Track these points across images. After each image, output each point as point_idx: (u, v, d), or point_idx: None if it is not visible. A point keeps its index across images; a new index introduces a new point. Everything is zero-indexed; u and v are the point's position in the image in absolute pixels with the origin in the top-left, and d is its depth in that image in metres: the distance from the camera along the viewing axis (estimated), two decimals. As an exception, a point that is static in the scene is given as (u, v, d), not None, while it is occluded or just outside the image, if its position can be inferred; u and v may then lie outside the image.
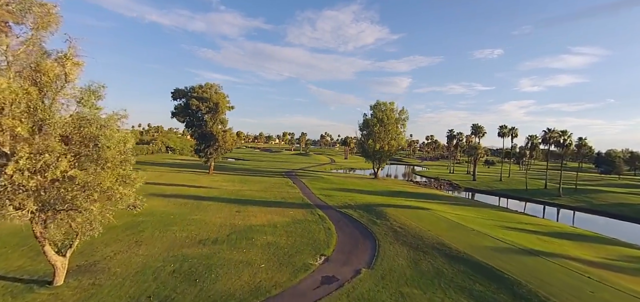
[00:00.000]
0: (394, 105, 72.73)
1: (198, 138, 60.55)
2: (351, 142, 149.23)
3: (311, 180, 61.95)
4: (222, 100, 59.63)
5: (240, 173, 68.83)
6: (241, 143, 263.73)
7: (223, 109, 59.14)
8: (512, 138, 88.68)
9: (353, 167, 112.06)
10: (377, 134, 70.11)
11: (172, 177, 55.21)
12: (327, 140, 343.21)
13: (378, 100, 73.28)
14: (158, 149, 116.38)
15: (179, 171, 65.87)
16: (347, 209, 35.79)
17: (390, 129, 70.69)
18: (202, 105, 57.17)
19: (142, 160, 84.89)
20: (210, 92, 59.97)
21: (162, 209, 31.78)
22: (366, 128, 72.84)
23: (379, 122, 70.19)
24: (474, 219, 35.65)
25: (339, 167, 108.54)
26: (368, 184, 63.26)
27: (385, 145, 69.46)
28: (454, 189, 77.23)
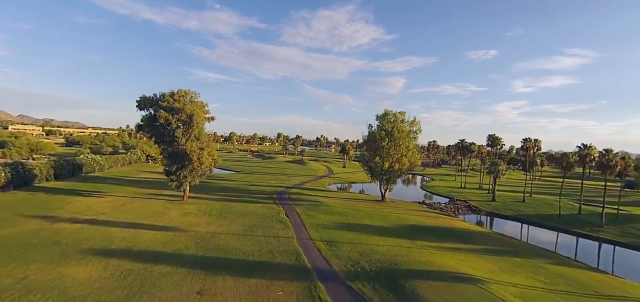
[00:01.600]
0: (405, 115, 62.09)
1: (168, 157, 49.25)
2: (350, 149, 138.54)
3: (308, 209, 50.94)
4: (199, 111, 48.31)
5: (223, 196, 57.57)
6: (233, 147, 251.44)
7: (199, 122, 47.78)
8: (536, 149, 78.62)
9: (353, 180, 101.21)
10: (385, 150, 59.37)
11: (135, 210, 43.89)
12: (323, 142, 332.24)
13: (386, 110, 62.65)
14: (137, 159, 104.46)
15: (148, 196, 54.45)
16: (360, 281, 24.88)
17: (401, 144, 60.02)
18: (172, 118, 45.80)
19: (114, 175, 73.17)
20: (183, 100, 48.62)
21: (88, 290, 20.71)
22: (371, 142, 62.02)
23: (387, 136, 59.42)
24: (544, 298, 24.98)
25: (338, 180, 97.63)
26: (377, 213, 52.48)
27: (395, 164, 58.79)
28: (472, 211, 66.84)
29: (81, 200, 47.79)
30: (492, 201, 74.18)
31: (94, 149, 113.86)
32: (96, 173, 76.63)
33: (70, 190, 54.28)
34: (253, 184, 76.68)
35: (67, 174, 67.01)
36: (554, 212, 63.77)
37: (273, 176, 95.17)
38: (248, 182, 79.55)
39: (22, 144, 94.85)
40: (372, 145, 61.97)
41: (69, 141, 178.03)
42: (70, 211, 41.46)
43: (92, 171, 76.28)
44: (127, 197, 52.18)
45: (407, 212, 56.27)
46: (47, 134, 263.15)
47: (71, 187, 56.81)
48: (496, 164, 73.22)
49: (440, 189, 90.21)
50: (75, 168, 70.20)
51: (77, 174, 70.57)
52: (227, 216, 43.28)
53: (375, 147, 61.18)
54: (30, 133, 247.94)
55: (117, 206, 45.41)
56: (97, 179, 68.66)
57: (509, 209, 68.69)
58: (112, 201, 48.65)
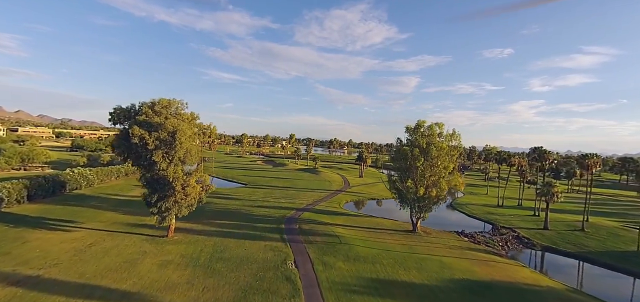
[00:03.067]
0: (443, 128, 50.16)
1: (146, 185, 39.16)
2: (367, 157, 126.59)
3: (324, 251, 39.86)
4: (185, 127, 37.85)
5: (219, 226, 47.24)
6: (244, 151, 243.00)
7: (184, 141, 37.23)
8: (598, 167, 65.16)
9: (372, 194, 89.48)
10: (419, 171, 47.71)
11: (101, 255, 33.96)
12: (336, 145, 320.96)
13: (419, 121, 50.85)
14: (134, 171, 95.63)
15: (127, 228, 44.63)
16: None
17: (438, 164, 48.20)
18: (149, 136, 35.53)
19: (103, 193, 63.92)
20: (165, 113, 38.37)
21: None
22: (401, 161, 50.35)
23: (422, 154, 47.70)
24: None
25: (356, 195, 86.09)
26: (412, 257, 40.98)
27: (432, 190, 46.97)
28: (524, 245, 54.35)
29: (41, 237, 38.26)
30: (545, 230, 61.27)
31: (93, 156, 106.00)
32: (83, 190, 67.82)
33: (37, 219, 45.09)
34: (259, 203, 66.16)
35: (45, 193, 58.24)
36: (628, 248, 50.86)
37: (283, 190, 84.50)
38: (253, 200, 69.11)
39: (13, 154, 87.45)
40: (402, 165, 50.34)
41: (74, 145, 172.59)
42: (16, 258, 31.87)
43: (78, 187, 67.49)
44: (101, 231, 42.43)
45: (448, 251, 44.43)
46: (57, 136, 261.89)
47: (41, 214, 47.70)
48: (551, 186, 60.26)
49: (475, 209, 77.50)
50: (56, 186, 61.42)
51: (59, 192, 61.78)
52: (217, 267, 32.73)
53: (406, 167, 49.57)
54: (39, 135, 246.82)
55: (81, 249, 35.55)
56: (79, 199, 59.62)
57: (568, 241, 55.78)
58: (79, 238, 38.90)
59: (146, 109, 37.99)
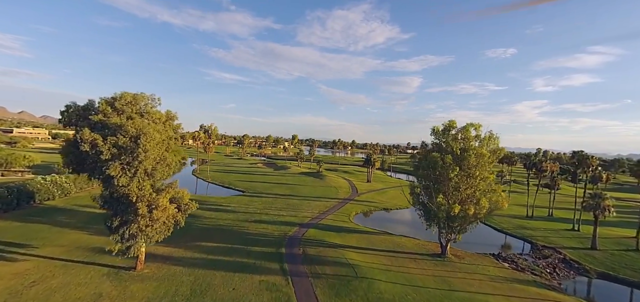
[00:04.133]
0: (481, 129, 40.79)
1: (104, 204, 30.29)
2: (376, 160, 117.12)
3: (335, 293, 30.72)
4: (153, 130, 28.77)
5: (204, 252, 38.32)
6: (244, 152, 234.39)
7: (150, 149, 28.10)
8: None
9: (384, 203, 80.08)
10: (453, 183, 38.45)
11: (44, 298, 25.16)
12: (340, 145, 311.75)
13: (450, 121, 41.60)
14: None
15: (87, 257, 35.85)
16: None
17: (477, 174, 38.84)
18: (103, 143, 26.59)
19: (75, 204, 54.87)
20: (129, 111, 29.51)
21: None
22: (429, 170, 41.01)
23: (456, 162, 38.43)
24: None
25: (366, 204, 76.74)
26: (449, 292, 31.73)
27: (470, 207, 37.60)
28: (575, 271, 44.83)
29: (-31, 273, 29.48)
30: (593, 250, 51.75)
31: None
32: (56, 200, 59.23)
33: (-20, 243, 36.40)
34: (256, 217, 57.12)
35: (7, 206, 49.69)
36: None
37: (284, 199, 75.38)
38: (250, 213, 60.07)
39: (-13, 158, 79.19)
40: (429, 175, 40.98)
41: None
42: None
43: (50, 197, 58.96)
44: (55, 260, 33.67)
45: (492, 285, 35.08)
46: (54, 137, 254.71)
47: (-10, 235, 39.04)
48: (600, 198, 50.74)
49: (503, 221, 67.84)
50: (21, 197, 52.94)
51: (25, 205, 53.25)
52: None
53: (435, 178, 40.29)
54: (35, 136, 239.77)
55: (18, 290, 26.79)
56: (46, 213, 50.92)
57: (625, 265, 46.22)
58: (22, 272, 30.13)
59: (104, 106, 29.08)
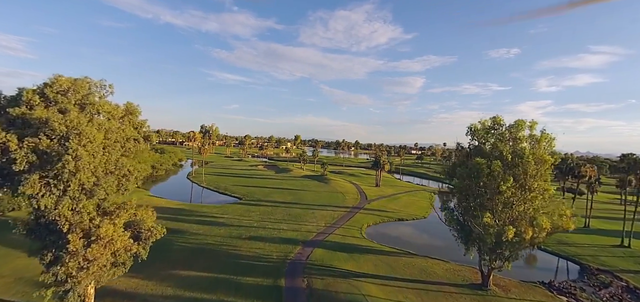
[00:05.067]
0: (536, 128, 31.79)
1: (29, 234, 21.67)
2: (385, 163, 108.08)
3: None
4: (88, 130, 19.95)
5: (177, 290, 29.77)
6: (245, 153, 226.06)
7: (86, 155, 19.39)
8: None
9: (398, 212, 71.06)
10: (505, 197, 29.53)
11: None
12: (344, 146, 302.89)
13: (496, 116, 32.74)
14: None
15: (21, 297, 27.31)
16: None
17: (536, 186, 29.86)
18: (17, 147, 17.99)
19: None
20: (65, 102, 20.84)
21: None
22: (469, 179, 31.97)
23: (507, 169, 29.51)
24: None
25: (378, 213, 67.74)
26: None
27: (527, 229, 28.58)
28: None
29: None
30: (662, 275, 42.50)
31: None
32: (22, 211, 50.89)
33: None
34: (252, 232, 48.43)
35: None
36: None
37: (285, 208, 66.63)
38: (245, 226, 51.42)
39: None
40: (470, 187, 31.97)
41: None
42: None
43: (16, 208, 50.81)
44: None
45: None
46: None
47: None
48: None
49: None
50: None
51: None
52: None
53: (477, 191, 31.35)
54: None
55: None
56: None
57: None
58: None
59: (29, 96, 20.46)
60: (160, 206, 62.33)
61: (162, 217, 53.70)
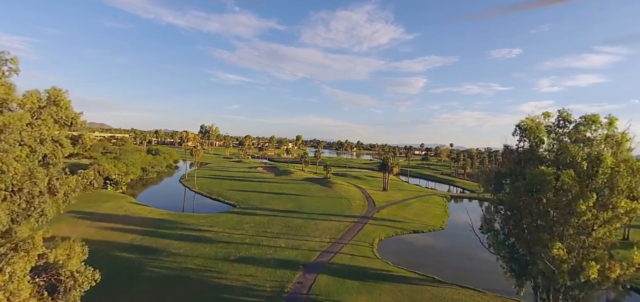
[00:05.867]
0: (615, 124, 23.67)
1: None
2: (393, 165, 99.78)
3: None
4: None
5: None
6: (245, 154, 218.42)
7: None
8: None
9: (413, 224, 62.97)
10: (584, 220, 21.44)
11: None
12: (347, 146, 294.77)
13: (563, 111, 24.63)
14: (88, 183, 71.06)
15: None
16: None
17: (616, 203, 21.77)
18: None
19: None
20: None
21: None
22: (529, 194, 23.78)
23: (582, 181, 21.43)
24: None
25: (389, 224, 59.70)
26: None
27: (614, 266, 20.50)
28: None
29: None
30: None
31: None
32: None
33: None
34: (243, 251, 40.55)
35: None
36: None
37: (284, 218, 58.73)
38: (236, 243, 43.54)
39: None
40: (530, 205, 23.81)
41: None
42: None
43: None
44: None
45: None
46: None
47: None
48: None
49: None
50: None
51: None
52: None
53: (542, 210, 23.27)
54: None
55: None
56: None
57: None
58: None
59: None
60: (140, 215, 54.57)
61: (138, 232, 45.99)
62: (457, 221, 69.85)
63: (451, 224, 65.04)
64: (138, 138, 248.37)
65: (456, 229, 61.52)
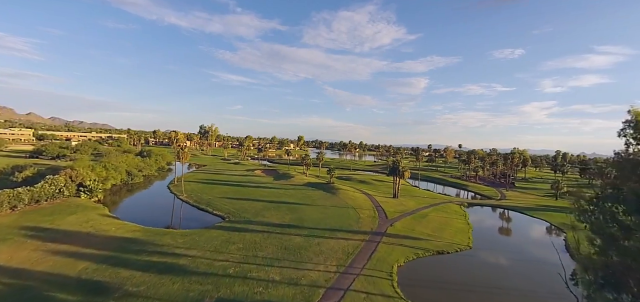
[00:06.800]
0: None
1: None
2: (405, 169, 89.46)
3: None
4: None
5: None
6: (244, 156, 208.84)
7: None
8: None
9: (435, 242, 52.94)
10: None
11: None
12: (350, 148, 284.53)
13: None
14: (57, 191, 61.59)
15: None
16: None
17: None
18: None
19: None
20: None
21: None
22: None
23: None
24: None
25: (411, 248, 49.73)
26: None
27: None
28: None
29: None
30: None
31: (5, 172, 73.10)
32: None
33: None
34: (221, 293, 30.75)
35: None
36: None
37: (281, 236, 48.96)
38: (215, 275, 33.75)
39: None
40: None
41: (35, 151, 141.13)
42: None
43: None
44: None
45: None
46: (39, 138, 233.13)
47: None
48: None
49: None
50: None
51: None
52: None
53: None
54: (17, 137, 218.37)
55: None
56: None
57: None
58: None
59: None
60: (105, 234, 44.95)
61: (94, 259, 35.63)
62: (484, 236, 59.83)
63: (478, 240, 55.07)
64: (132, 138, 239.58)
65: (486, 248, 51.57)
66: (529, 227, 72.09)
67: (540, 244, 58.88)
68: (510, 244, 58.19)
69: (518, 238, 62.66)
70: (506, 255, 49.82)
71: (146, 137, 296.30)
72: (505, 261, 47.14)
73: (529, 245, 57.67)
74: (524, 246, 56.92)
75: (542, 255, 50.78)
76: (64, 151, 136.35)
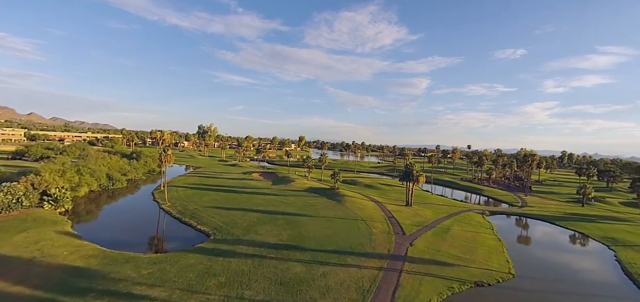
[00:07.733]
0: None
1: None
2: (420, 174, 78.97)
3: None
4: None
5: None
6: (242, 157, 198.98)
7: None
8: None
9: (468, 269, 42.90)
10: None
11: None
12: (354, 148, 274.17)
13: None
14: (15, 201, 51.92)
15: None
16: None
17: None
18: None
19: None
20: None
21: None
22: None
23: None
24: None
25: (438, 276, 39.77)
26: None
27: None
28: None
29: None
30: None
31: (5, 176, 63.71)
32: None
33: None
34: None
35: None
36: None
37: (277, 262, 39.07)
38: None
39: None
40: None
41: (17, 152, 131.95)
42: None
43: None
44: None
45: None
46: (31, 139, 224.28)
47: None
48: None
49: None
50: None
51: None
52: None
53: None
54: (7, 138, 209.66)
55: None
56: None
57: None
58: None
59: None
60: (53, 261, 35.19)
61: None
62: (522, 257, 49.57)
63: (517, 262, 44.89)
64: (125, 138, 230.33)
65: (532, 275, 41.37)
66: (567, 242, 61.87)
67: (592, 266, 48.70)
68: (558, 267, 47.45)
69: (564, 259, 52.01)
70: (561, 285, 39.60)
71: (143, 137, 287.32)
72: (564, 297, 36.89)
73: (581, 269, 47.23)
74: (575, 270, 46.52)
75: (601, 279, 40.70)
76: (48, 152, 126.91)
